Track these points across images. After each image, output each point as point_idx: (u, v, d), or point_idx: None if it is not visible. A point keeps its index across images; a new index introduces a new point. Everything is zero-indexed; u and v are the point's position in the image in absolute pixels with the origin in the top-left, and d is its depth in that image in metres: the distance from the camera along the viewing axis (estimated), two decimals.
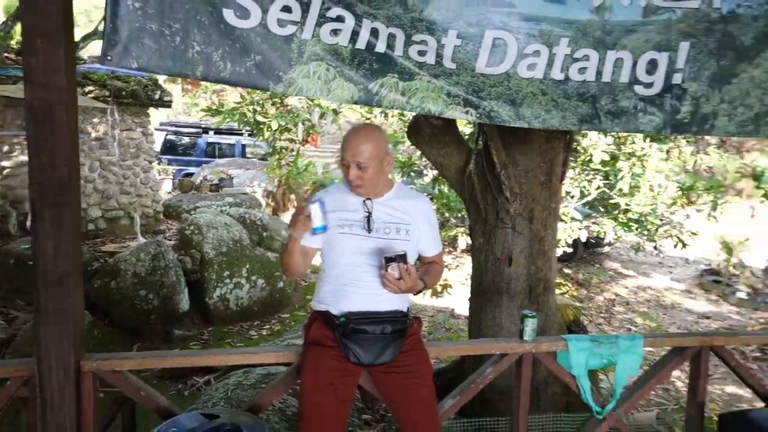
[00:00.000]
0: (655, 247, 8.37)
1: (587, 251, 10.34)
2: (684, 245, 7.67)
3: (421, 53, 1.85)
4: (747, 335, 2.72)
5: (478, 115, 1.93)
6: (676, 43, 2.02)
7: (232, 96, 12.65)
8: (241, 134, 13.75)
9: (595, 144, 6.46)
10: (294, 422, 2.66)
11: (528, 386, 2.01)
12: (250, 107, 6.14)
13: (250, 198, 10.03)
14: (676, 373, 5.42)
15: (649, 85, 2.03)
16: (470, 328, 3.91)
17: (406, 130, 4.25)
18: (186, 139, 14.29)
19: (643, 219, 6.49)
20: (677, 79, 2.04)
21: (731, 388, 4.94)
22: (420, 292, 1.74)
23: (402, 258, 1.62)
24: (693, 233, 7.61)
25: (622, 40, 1.99)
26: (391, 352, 1.74)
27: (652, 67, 2.02)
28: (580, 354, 2.01)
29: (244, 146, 14.12)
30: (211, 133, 14.12)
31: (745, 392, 5.03)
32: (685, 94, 2.06)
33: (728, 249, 9.49)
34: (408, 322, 1.80)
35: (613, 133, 6.22)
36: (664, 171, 6.64)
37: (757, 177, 7.82)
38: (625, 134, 6.52)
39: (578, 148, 6.76)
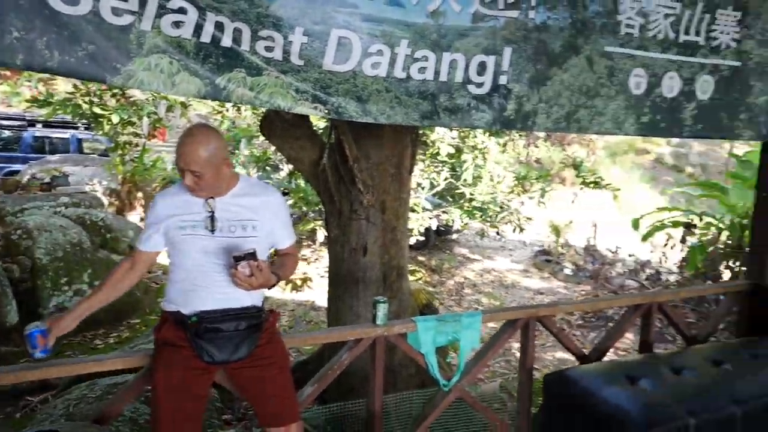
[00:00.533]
0: (498, 233, 9.18)
1: (439, 239, 10.98)
2: (521, 229, 8.50)
3: (269, 49, 1.86)
4: (566, 305, 3.13)
5: (326, 111, 1.99)
6: (501, 47, 2.25)
7: (63, 86, 11.43)
8: (77, 128, 12.46)
9: (442, 138, 6.90)
10: (147, 430, 2.54)
11: (382, 368, 2.13)
12: (86, 98, 5.63)
13: (90, 197, 9.17)
14: (516, 344, 6.05)
15: (480, 85, 2.25)
16: (329, 318, 4.00)
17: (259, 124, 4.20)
18: (7, 133, 12.61)
19: (485, 207, 7.08)
20: (503, 80, 2.28)
21: (560, 354, 5.62)
22: (275, 285, 1.77)
23: (251, 256, 1.62)
24: (528, 218, 8.48)
25: (455, 43, 2.17)
26: (246, 347, 1.75)
27: (482, 68, 2.23)
28: (428, 333, 2.18)
29: (80, 141, 12.80)
30: (39, 126, 12.60)
31: (571, 356, 5.78)
32: (510, 93, 2.31)
33: (556, 231, 10.70)
34: (263, 316, 1.82)
35: (455, 128, 6.69)
36: (502, 163, 7.31)
37: (577, 167, 8.88)
38: (466, 129, 7.06)
39: (427, 141, 7.19)
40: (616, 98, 2.56)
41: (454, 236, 11.52)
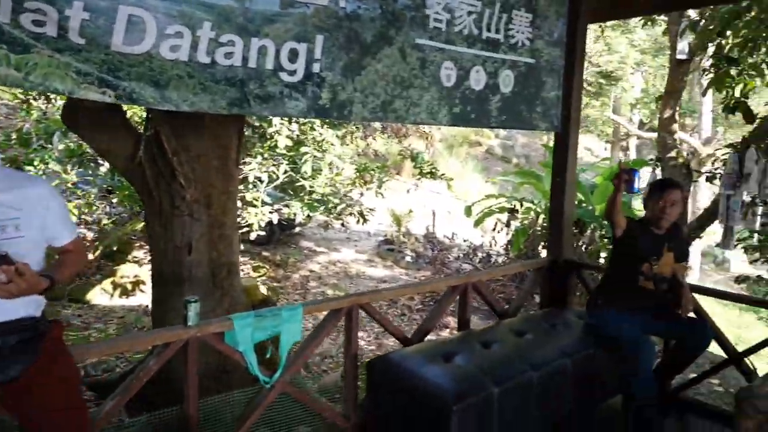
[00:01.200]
0: (342, 224, 9.28)
1: (284, 233, 10.83)
2: (364, 220, 8.67)
3: (38, 23, 1.63)
4: (389, 290, 3.23)
5: (117, 96, 1.80)
6: (312, 35, 2.22)
7: None
8: None
9: (279, 130, 6.77)
10: None
11: (195, 371, 2.00)
12: None
13: None
14: (362, 334, 6.17)
15: (293, 73, 2.19)
16: (154, 321, 3.72)
17: None
18: None
19: (326, 199, 7.10)
20: (316, 68, 2.26)
21: (393, 341, 5.85)
22: (49, 289, 1.54)
23: (3, 259, 1.40)
24: (371, 209, 8.67)
25: (264, 28, 2.09)
26: (19, 365, 1.52)
27: (293, 55, 2.18)
28: (245, 330, 2.09)
29: None
30: None
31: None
32: (324, 82, 2.29)
33: (397, 220, 11.13)
34: (41, 328, 1.59)
35: (267, 116, 6.61)
36: (342, 155, 7.38)
37: (414, 158, 9.27)
38: (306, 121, 7.02)
39: (265, 134, 7.01)
40: (429, 89, 2.68)
41: (299, 230, 11.44)
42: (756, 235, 6.62)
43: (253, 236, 7.35)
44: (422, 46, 2.60)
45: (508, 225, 9.15)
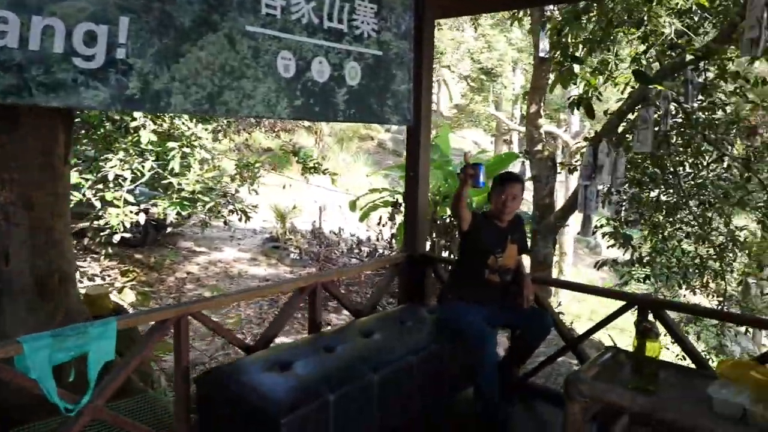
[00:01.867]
0: (225, 223, 8.85)
1: (160, 234, 10.18)
2: (247, 218, 8.31)
3: None
4: (224, 297, 3.04)
5: None
6: (114, 16, 1.97)
7: None
8: None
9: (143, 124, 6.29)
10: None
11: None
12: None
13: None
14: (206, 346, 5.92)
15: (90, 58, 1.94)
16: None
17: None
18: None
19: (196, 197, 6.70)
20: (121, 53, 2.01)
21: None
22: None
23: None
24: (254, 206, 8.33)
25: (50, 6, 1.82)
26: None
27: (90, 38, 1.92)
28: (39, 353, 1.82)
29: None
30: None
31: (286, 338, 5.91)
32: (132, 69, 2.05)
33: (281, 217, 10.85)
34: None
35: (57, 106, 6.18)
36: (212, 149, 7.00)
37: (296, 153, 9.05)
38: (169, 115, 6.58)
39: (128, 128, 6.48)
40: (265, 80, 2.51)
41: (179, 230, 10.82)
42: (611, 222, 7.12)
43: (117, 238, 6.78)
44: (254, 34, 2.43)
45: (392, 219, 9.20)
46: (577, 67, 3.95)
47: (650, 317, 2.68)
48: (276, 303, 7.62)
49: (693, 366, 2.64)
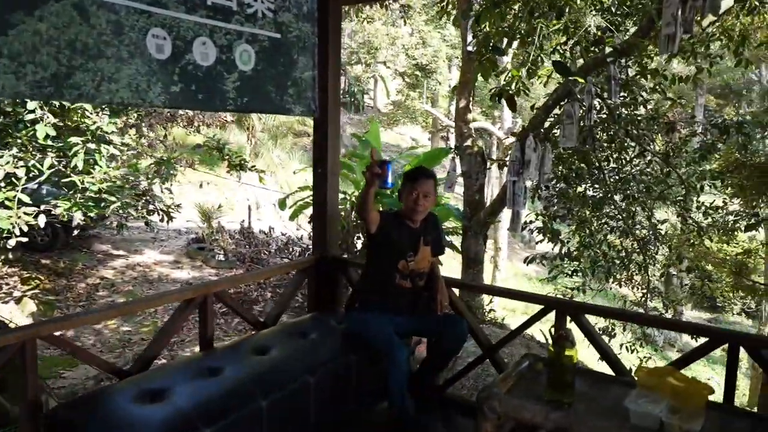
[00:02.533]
0: (147, 223, 8.25)
1: (72, 236, 9.44)
2: (170, 218, 7.76)
3: None
4: (83, 316, 2.62)
5: None
6: None
7: None
8: None
9: (42, 117, 5.69)
10: None
11: None
12: None
13: None
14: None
15: None
16: None
17: None
18: None
19: (103, 197, 6.15)
20: None
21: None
22: None
23: None
24: (177, 205, 7.78)
25: None
26: None
27: None
28: None
29: None
30: None
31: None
32: None
33: (206, 216, 10.31)
34: None
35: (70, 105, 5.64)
36: (121, 145, 6.45)
37: (220, 149, 8.52)
38: (78, 106, 6.03)
39: (22, 120, 5.85)
40: (131, 62, 2.15)
41: (95, 231, 10.08)
42: (541, 217, 7.10)
43: (12, 243, 6.13)
44: (115, 6, 2.07)
45: None
46: (508, 59, 3.78)
47: (569, 321, 2.52)
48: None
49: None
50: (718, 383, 2.11)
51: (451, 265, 8.78)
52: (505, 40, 4.04)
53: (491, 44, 3.85)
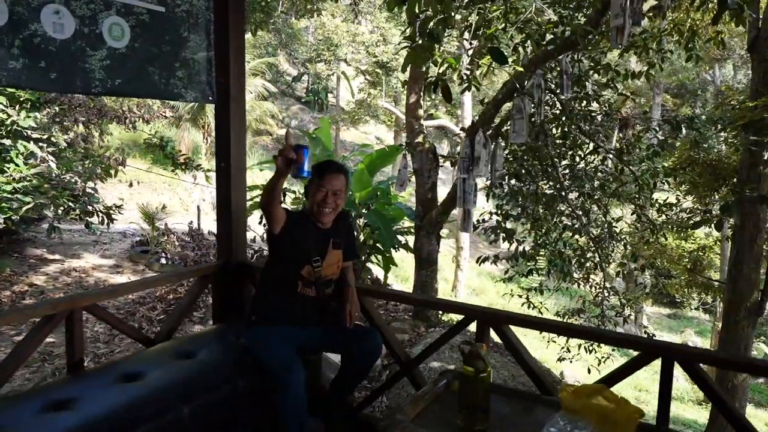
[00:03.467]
0: (87, 226, 7.73)
1: (2, 240, 8.83)
2: (111, 220, 7.26)
3: None
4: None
5: None
6: None
7: None
8: None
9: None
10: None
11: None
12: None
13: None
14: None
15: None
16: None
17: None
18: None
19: (14, 198, 5.64)
20: None
21: None
22: None
23: None
24: (117, 206, 7.28)
25: None
26: None
27: None
28: None
29: None
30: None
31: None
32: None
33: (149, 218, 9.79)
34: None
35: None
36: (40, 140, 5.96)
37: (163, 147, 8.07)
38: None
39: None
40: None
41: (29, 234, 9.45)
42: (494, 216, 6.86)
43: None
44: None
45: None
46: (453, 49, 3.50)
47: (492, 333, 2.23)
48: (127, 310, 6.67)
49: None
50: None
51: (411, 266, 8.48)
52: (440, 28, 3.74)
53: (426, 29, 3.55)
